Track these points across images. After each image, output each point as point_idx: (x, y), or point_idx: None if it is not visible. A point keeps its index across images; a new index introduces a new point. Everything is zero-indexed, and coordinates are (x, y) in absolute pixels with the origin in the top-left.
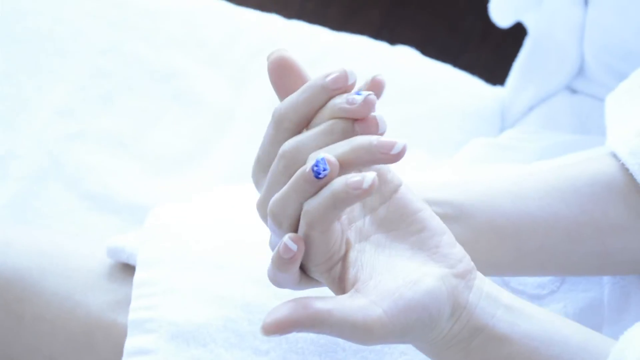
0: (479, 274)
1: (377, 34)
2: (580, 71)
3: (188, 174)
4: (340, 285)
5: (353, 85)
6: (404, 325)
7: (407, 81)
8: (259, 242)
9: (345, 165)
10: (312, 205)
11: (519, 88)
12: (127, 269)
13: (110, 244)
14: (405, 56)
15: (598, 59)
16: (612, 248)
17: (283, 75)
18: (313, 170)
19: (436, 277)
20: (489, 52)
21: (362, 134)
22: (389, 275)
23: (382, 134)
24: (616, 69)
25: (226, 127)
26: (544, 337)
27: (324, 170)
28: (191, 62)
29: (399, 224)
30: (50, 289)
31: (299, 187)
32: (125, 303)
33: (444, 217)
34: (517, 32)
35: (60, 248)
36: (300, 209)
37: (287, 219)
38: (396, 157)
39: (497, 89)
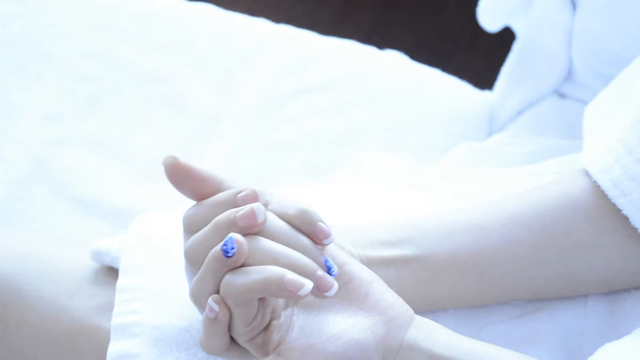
0: (416, 316)
1: (367, 38)
2: (569, 76)
3: None
4: (264, 350)
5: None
6: None
7: (394, 85)
8: None
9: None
10: (234, 281)
11: (508, 92)
12: (112, 273)
13: (94, 247)
14: (394, 60)
15: (586, 64)
16: (577, 268)
17: (179, 179)
18: (222, 249)
19: (363, 327)
20: (479, 56)
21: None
22: (316, 333)
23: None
24: (604, 74)
25: (213, 132)
26: None
27: (232, 249)
28: (179, 67)
29: None
30: (35, 294)
31: (211, 266)
32: (109, 308)
33: (403, 259)
34: (507, 37)
35: (46, 252)
36: (217, 287)
37: (205, 299)
38: (300, 298)
39: (485, 93)
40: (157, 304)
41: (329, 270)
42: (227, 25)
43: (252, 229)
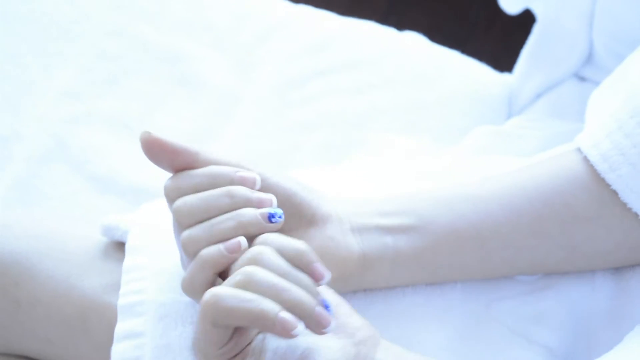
0: (383, 340)
1: (384, 20)
2: (589, 59)
3: None
4: None
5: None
6: None
7: (413, 67)
8: None
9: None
10: (225, 300)
11: (527, 75)
12: (122, 249)
13: (104, 222)
14: (413, 42)
15: (607, 47)
16: (577, 240)
17: (155, 152)
18: (269, 213)
19: (334, 348)
20: (496, 39)
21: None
22: (289, 355)
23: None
24: (625, 57)
25: (232, 112)
26: None
27: (280, 217)
28: (198, 46)
29: None
30: (46, 273)
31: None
32: (119, 286)
33: (403, 227)
34: (525, 20)
35: (58, 231)
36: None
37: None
38: (291, 337)
39: (504, 76)
40: (162, 282)
41: (326, 308)
42: (247, 4)
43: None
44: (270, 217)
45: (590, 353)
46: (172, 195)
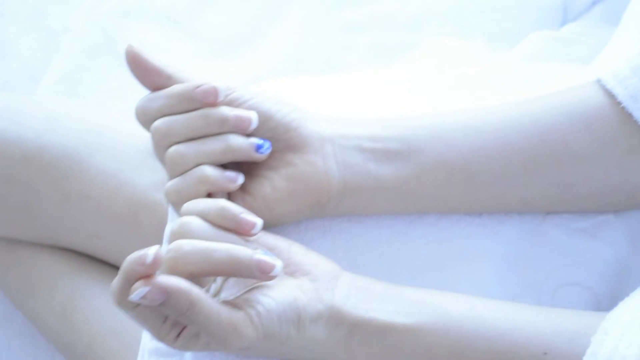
0: (345, 272)
1: None
2: None
3: (241, 56)
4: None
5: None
6: (269, 325)
7: None
8: None
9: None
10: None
11: None
12: None
13: None
14: None
15: None
16: (573, 179)
17: (136, 68)
18: (256, 144)
19: (291, 286)
20: None
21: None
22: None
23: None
24: None
25: (283, 10)
26: (428, 323)
27: (267, 149)
28: None
29: None
30: (97, 167)
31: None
32: None
33: (389, 154)
34: None
35: (108, 126)
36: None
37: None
38: (271, 278)
39: None
40: None
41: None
42: None
43: (246, 130)
44: (259, 148)
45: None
46: (140, 119)
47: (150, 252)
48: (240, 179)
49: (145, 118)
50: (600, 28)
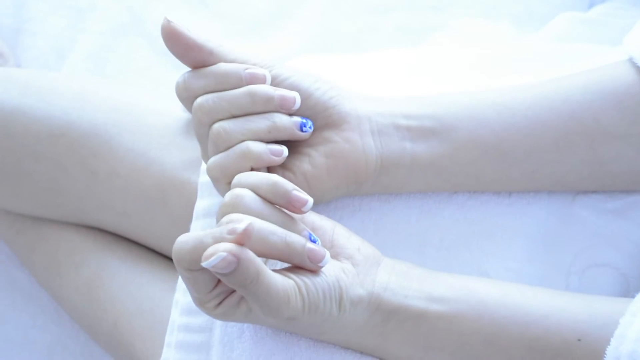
0: (385, 258)
1: None
2: None
3: (268, 36)
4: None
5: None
6: (314, 298)
7: None
8: None
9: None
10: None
11: None
12: None
13: None
14: None
15: None
16: (604, 156)
17: (173, 43)
18: (300, 122)
19: (334, 267)
20: None
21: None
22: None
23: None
24: None
25: None
26: (462, 310)
27: (310, 127)
28: None
29: None
30: (125, 145)
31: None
32: (199, 162)
33: (423, 131)
34: None
35: (137, 104)
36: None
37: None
38: (319, 268)
39: None
40: None
41: (313, 242)
42: None
43: (290, 109)
44: (302, 126)
45: None
46: (182, 95)
47: (244, 222)
48: (285, 152)
49: (187, 94)
50: (629, 10)
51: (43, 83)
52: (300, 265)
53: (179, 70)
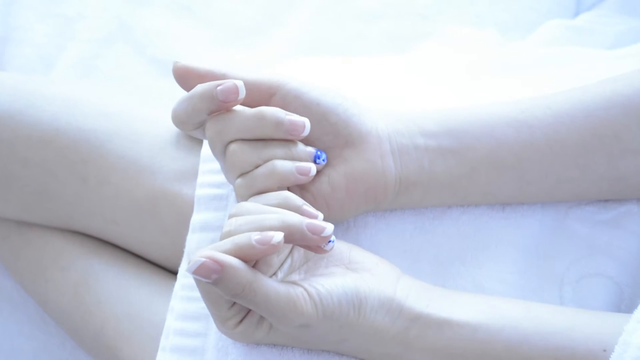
0: (404, 275)
1: None
2: None
3: (256, 44)
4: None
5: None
6: (328, 303)
7: None
8: None
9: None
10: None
11: None
12: (194, 138)
13: None
14: None
15: None
16: (625, 171)
17: (186, 80)
18: (315, 154)
19: (354, 277)
20: None
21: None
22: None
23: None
24: None
25: None
26: (485, 320)
27: (324, 160)
28: None
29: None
30: (116, 152)
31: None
32: (191, 174)
33: (442, 150)
34: None
35: (127, 111)
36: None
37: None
38: (324, 240)
39: None
40: None
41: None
42: None
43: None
44: (316, 158)
45: None
46: (215, 140)
47: (278, 236)
48: (313, 170)
49: (221, 138)
50: (615, 17)
51: (32, 88)
52: (306, 242)
53: (166, 78)
